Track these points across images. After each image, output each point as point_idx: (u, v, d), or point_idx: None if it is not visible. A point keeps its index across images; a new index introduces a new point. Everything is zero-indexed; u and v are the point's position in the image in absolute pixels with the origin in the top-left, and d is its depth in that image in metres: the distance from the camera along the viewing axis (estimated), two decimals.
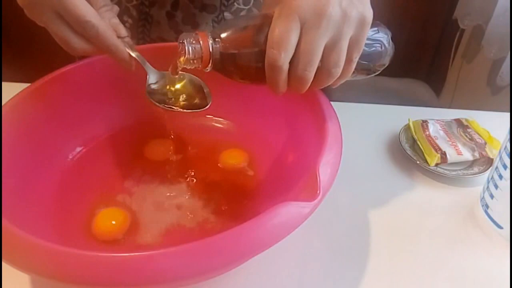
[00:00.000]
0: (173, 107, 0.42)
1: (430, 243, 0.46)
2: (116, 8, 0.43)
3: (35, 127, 0.44)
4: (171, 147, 0.52)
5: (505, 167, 0.43)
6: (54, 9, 0.36)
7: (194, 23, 0.58)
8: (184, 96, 0.44)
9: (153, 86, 0.43)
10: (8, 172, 0.39)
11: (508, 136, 0.43)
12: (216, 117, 0.56)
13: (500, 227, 0.46)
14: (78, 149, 0.50)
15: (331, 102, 0.44)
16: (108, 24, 0.39)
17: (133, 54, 0.41)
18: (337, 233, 0.46)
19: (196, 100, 0.43)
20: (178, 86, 0.44)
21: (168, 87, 0.44)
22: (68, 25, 0.37)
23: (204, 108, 0.43)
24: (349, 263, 0.43)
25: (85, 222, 0.43)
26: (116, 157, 0.50)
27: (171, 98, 0.43)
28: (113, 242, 0.41)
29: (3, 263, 0.29)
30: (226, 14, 0.59)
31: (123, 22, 0.60)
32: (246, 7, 0.60)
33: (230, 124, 0.55)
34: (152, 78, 0.43)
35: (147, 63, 0.43)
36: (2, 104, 0.42)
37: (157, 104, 0.42)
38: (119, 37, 0.40)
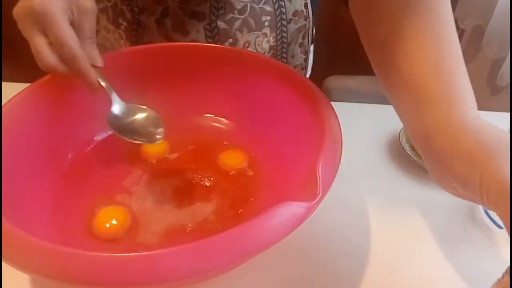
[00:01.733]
0: (129, 138, 0.45)
1: (430, 243, 0.46)
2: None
3: (35, 127, 0.44)
4: (168, 147, 0.52)
5: None
6: (42, 26, 0.40)
7: (184, 31, 0.58)
8: (143, 128, 0.47)
9: (116, 114, 0.46)
10: (8, 172, 0.39)
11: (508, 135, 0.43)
12: (216, 116, 0.56)
13: (500, 227, 0.46)
14: (78, 148, 0.50)
15: (331, 102, 0.44)
16: (85, 53, 0.42)
17: (102, 83, 0.45)
18: (337, 233, 0.46)
19: (151, 133, 0.46)
20: (138, 117, 0.47)
21: (131, 118, 0.47)
22: (48, 43, 0.40)
23: (154, 143, 0.46)
24: (349, 263, 0.43)
25: (85, 222, 0.43)
26: (116, 157, 0.50)
27: (131, 128, 0.47)
28: (113, 241, 0.41)
29: (3, 263, 0.29)
30: (220, 23, 0.58)
31: (119, 25, 0.60)
32: (242, 17, 0.59)
33: (230, 124, 0.55)
34: (117, 107, 0.46)
35: (114, 93, 0.46)
36: (2, 104, 0.42)
37: (116, 132, 0.45)
38: (93, 66, 0.43)
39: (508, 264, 0.35)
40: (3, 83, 0.57)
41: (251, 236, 0.30)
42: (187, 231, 0.42)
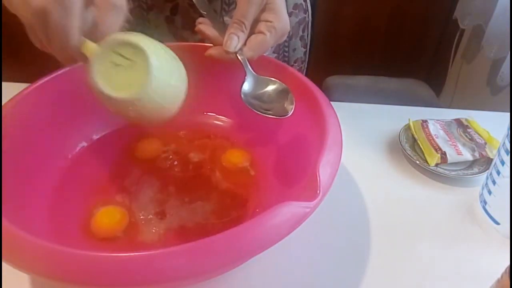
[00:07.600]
0: (259, 111, 0.43)
1: (430, 242, 0.46)
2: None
3: (34, 127, 0.44)
4: (160, 145, 0.51)
5: (502, 163, 0.43)
6: None
7: (194, 28, 0.58)
8: (271, 102, 0.44)
9: (247, 90, 0.44)
10: (8, 171, 0.39)
11: (507, 133, 0.43)
12: (217, 115, 0.56)
13: (497, 223, 0.46)
14: (78, 148, 0.50)
15: (331, 102, 0.44)
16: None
17: (239, 57, 0.44)
18: (337, 233, 0.46)
19: (281, 106, 0.44)
20: (268, 90, 0.45)
21: (260, 91, 0.45)
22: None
23: (285, 116, 0.42)
24: (349, 262, 0.43)
25: (85, 221, 0.43)
26: (115, 156, 0.50)
27: (261, 102, 0.44)
28: (113, 241, 0.41)
29: (3, 263, 0.29)
30: (226, 18, 0.58)
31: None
32: None
33: (231, 123, 0.55)
34: (249, 82, 0.44)
35: (249, 67, 0.44)
36: (2, 104, 0.42)
37: (248, 106, 0.43)
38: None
39: (507, 263, 0.35)
40: (3, 83, 0.57)
41: (252, 236, 0.30)
42: (187, 231, 0.42)
